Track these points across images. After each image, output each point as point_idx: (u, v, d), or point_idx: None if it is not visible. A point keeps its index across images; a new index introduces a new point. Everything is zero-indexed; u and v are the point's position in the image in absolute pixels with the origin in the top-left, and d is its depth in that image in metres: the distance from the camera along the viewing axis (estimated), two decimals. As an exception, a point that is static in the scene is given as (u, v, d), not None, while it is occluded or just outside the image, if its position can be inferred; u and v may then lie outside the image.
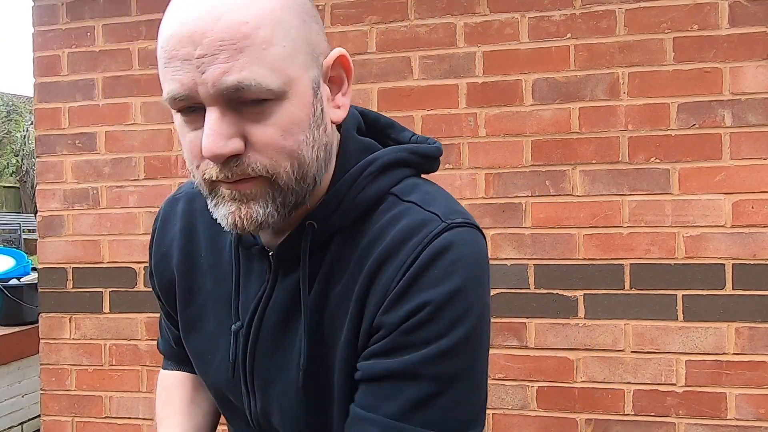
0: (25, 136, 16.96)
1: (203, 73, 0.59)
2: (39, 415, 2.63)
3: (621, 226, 1.97)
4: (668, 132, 1.94)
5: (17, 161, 17.25)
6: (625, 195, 1.96)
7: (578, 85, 1.99)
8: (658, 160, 1.94)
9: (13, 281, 3.47)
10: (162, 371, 0.99)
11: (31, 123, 14.90)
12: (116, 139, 2.35)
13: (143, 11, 2.32)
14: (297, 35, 0.63)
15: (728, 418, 1.90)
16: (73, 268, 2.38)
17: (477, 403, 0.68)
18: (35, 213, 3.09)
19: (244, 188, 0.64)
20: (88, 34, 2.37)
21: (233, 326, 0.77)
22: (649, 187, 1.95)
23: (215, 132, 0.60)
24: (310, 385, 0.73)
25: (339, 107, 0.71)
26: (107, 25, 2.35)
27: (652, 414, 1.95)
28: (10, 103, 18.25)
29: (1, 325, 3.37)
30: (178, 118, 0.65)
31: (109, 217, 2.35)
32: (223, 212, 0.67)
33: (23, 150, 16.89)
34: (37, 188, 2.46)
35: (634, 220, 1.96)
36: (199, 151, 0.63)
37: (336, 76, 0.70)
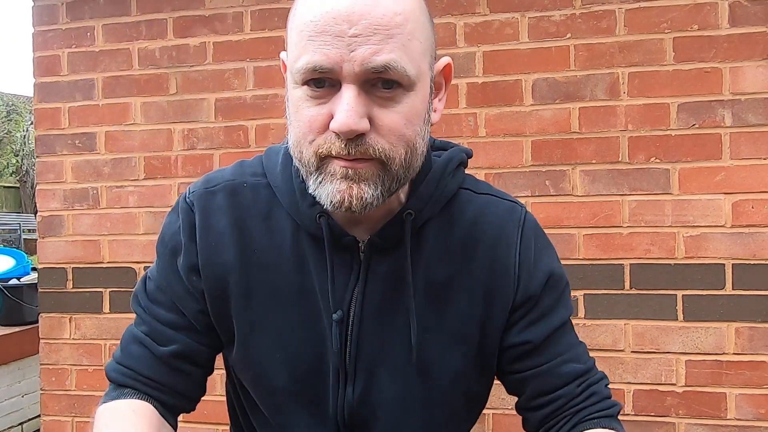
0: (25, 136, 16.97)
1: (353, 51, 0.64)
2: (39, 415, 2.63)
3: (621, 226, 1.97)
4: (668, 132, 1.94)
5: (17, 161, 17.25)
6: (625, 195, 1.96)
7: (578, 85, 1.99)
8: (658, 160, 1.94)
9: (13, 281, 3.47)
10: (112, 402, 0.79)
11: (31, 123, 14.90)
12: (116, 139, 2.35)
13: (143, 11, 2.32)
14: (428, 36, 0.71)
15: (728, 418, 1.90)
16: (73, 268, 2.38)
17: None
18: (35, 213, 3.09)
19: (359, 167, 0.68)
20: (88, 34, 2.37)
21: (335, 316, 0.78)
22: (649, 187, 1.95)
23: (352, 108, 0.65)
24: (419, 360, 0.79)
25: (435, 111, 0.77)
26: (107, 25, 2.35)
27: (652, 414, 1.95)
28: (10, 103, 18.25)
29: (1, 325, 3.37)
30: (299, 91, 0.68)
31: (109, 217, 2.35)
32: (330, 189, 0.69)
33: (23, 150, 16.89)
34: (37, 188, 2.46)
35: (634, 220, 1.96)
36: (319, 125, 0.67)
37: (438, 82, 0.77)
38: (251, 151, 2.21)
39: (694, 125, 1.92)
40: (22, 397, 3.39)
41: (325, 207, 0.72)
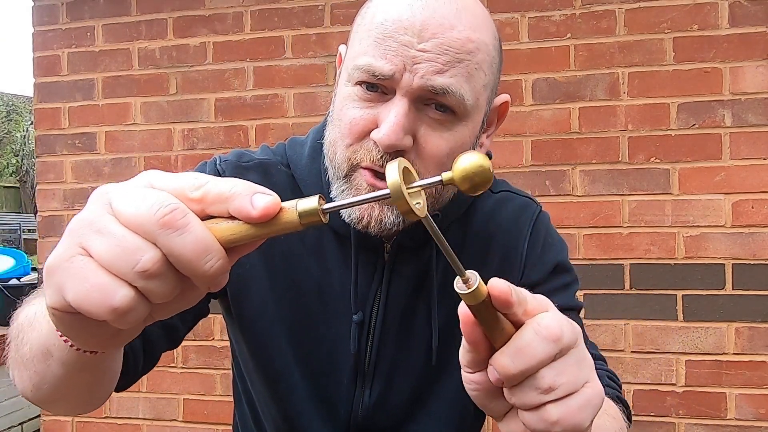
0: (25, 136, 16.96)
1: (417, 64, 0.63)
2: (39, 415, 2.63)
3: (621, 226, 1.97)
4: (668, 132, 1.94)
5: (17, 161, 17.25)
6: (625, 195, 1.96)
7: (578, 85, 1.99)
8: (658, 160, 1.94)
9: (13, 281, 3.47)
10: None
11: (31, 123, 14.89)
12: (116, 139, 2.35)
13: (143, 11, 2.32)
14: (495, 73, 0.70)
15: (728, 418, 1.90)
16: (73, 268, 2.38)
17: None
18: (35, 213, 3.09)
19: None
20: (88, 34, 2.37)
21: (355, 317, 0.76)
22: (649, 187, 1.95)
23: (399, 123, 0.63)
24: (439, 363, 0.78)
25: (481, 146, 0.76)
26: (107, 25, 2.35)
27: (652, 414, 1.95)
28: (10, 103, 18.24)
29: (1, 325, 3.37)
30: (349, 89, 0.67)
31: (109, 217, 2.35)
32: None
33: (23, 150, 16.88)
34: (37, 188, 2.46)
35: (634, 220, 1.96)
36: (360, 129, 0.66)
37: (491, 119, 0.76)
38: (254, 149, 2.21)
39: (694, 125, 1.92)
40: (22, 397, 3.39)
41: (343, 218, 0.71)
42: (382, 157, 0.65)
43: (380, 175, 0.66)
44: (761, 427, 1.88)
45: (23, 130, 17.37)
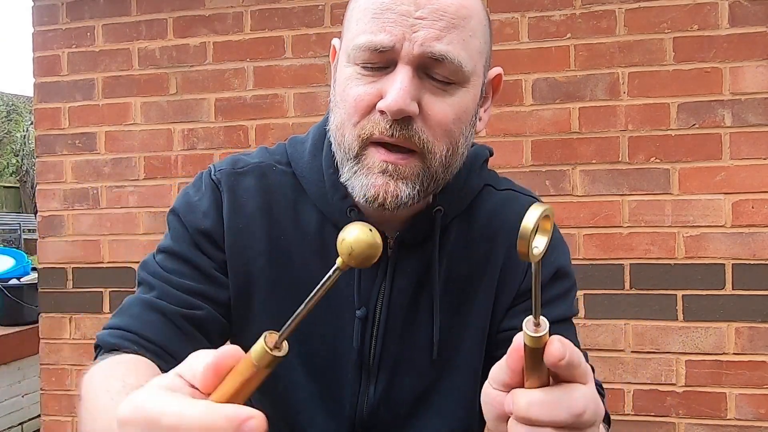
0: (25, 136, 16.95)
1: (415, 32, 0.63)
2: (39, 415, 2.63)
3: (621, 226, 1.96)
4: (668, 132, 1.94)
5: (17, 161, 17.25)
6: (625, 195, 1.96)
7: (578, 85, 1.99)
8: (658, 160, 1.94)
9: (13, 281, 3.47)
10: (101, 362, 0.69)
11: (31, 123, 14.88)
12: (116, 139, 2.35)
13: (143, 11, 2.32)
14: (487, 40, 0.71)
15: (728, 418, 1.90)
16: (73, 268, 2.38)
17: None
18: (35, 213, 3.09)
19: (400, 163, 0.66)
20: (88, 34, 2.37)
21: (358, 313, 0.76)
22: (649, 187, 1.95)
23: (405, 88, 0.63)
24: (441, 357, 0.79)
25: (480, 119, 0.76)
26: (107, 25, 2.35)
27: (652, 414, 1.95)
28: (10, 103, 18.24)
29: (1, 325, 3.37)
30: (349, 69, 0.68)
31: (109, 217, 2.35)
32: (366, 182, 0.67)
33: (23, 150, 16.88)
34: (37, 188, 2.46)
35: (634, 220, 1.96)
36: (366, 105, 0.66)
37: (487, 90, 0.77)
38: (251, 151, 2.21)
39: (694, 125, 1.92)
40: (22, 397, 3.39)
41: (356, 199, 0.70)
42: (390, 126, 0.65)
43: (391, 147, 0.67)
44: (761, 427, 1.88)
45: (23, 130, 17.37)
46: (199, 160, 2.27)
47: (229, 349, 0.41)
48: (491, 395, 0.48)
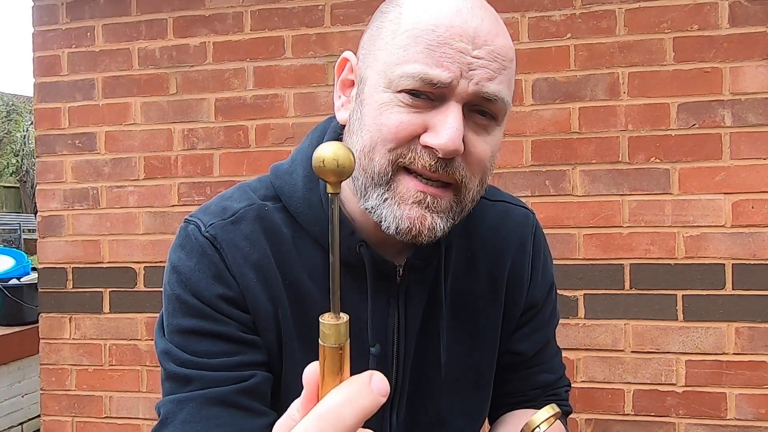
0: (25, 136, 16.96)
1: (472, 71, 0.63)
2: (39, 415, 2.63)
3: (621, 226, 1.96)
4: (668, 132, 1.94)
5: (17, 161, 17.25)
6: (625, 195, 1.96)
7: (578, 85, 1.99)
8: (658, 160, 1.94)
9: (13, 281, 3.47)
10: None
11: (31, 123, 14.89)
12: (116, 139, 2.35)
13: (143, 11, 2.32)
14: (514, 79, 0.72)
15: (728, 418, 1.90)
16: (73, 268, 2.38)
17: None
18: (35, 213, 3.09)
19: (437, 194, 0.65)
20: (88, 34, 2.37)
21: (372, 350, 0.74)
22: (649, 187, 1.95)
23: (460, 129, 0.63)
24: (455, 375, 0.80)
25: None
26: (107, 25, 2.35)
27: (652, 414, 1.95)
28: (10, 103, 18.24)
29: (1, 325, 3.37)
30: (389, 95, 0.65)
31: (109, 217, 2.35)
32: (399, 213, 0.65)
33: (23, 150, 16.88)
34: (37, 188, 2.46)
35: (634, 220, 1.96)
36: (408, 134, 0.64)
37: None
38: (251, 151, 2.21)
39: (694, 125, 1.92)
40: (22, 397, 3.39)
41: (385, 228, 0.66)
42: (436, 163, 0.63)
43: (428, 180, 0.65)
44: (761, 427, 1.88)
45: (23, 130, 17.38)
46: (199, 160, 2.27)
47: (306, 371, 0.42)
48: None
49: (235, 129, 2.24)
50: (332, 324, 0.40)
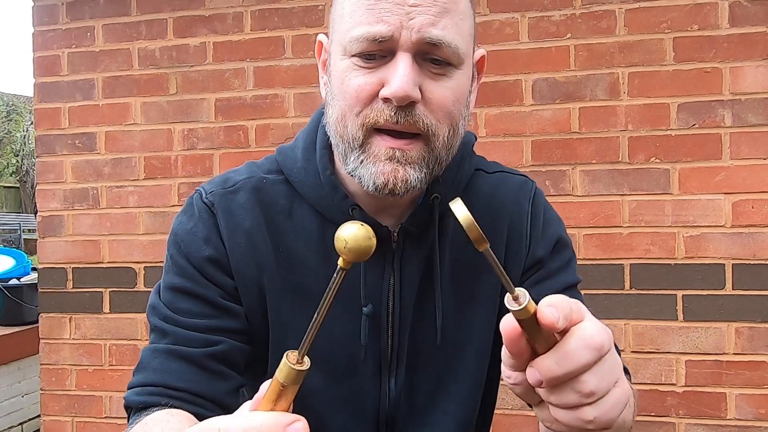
0: (25, 136, 16.96)
1: (411, 20, 0.65)
2: (39, 415, 2.63)
3: (621, 226, 1.97)
4: (668, 132, 1.94)
5: (17, 161, 17.25)
6: (625, 195, 1.96)
7: (578, 85, 1.99)
8: (658, 160, 1.94)
9: (13, 281, 3.47)
10: (139, 421, 0.69)
11: (31, 123, 14.89)
12: (116, 139, 2.35)
13: (143, 11, 2.32)
14: (473, 22, 0.72)
15: (728, 418, 1.90)
16: (73, 268, 2.38)
17: None
18: (35, 213, 3.09)
19: (406, 148, 0.68)
20: (88, 34, 2.37)
21: (365, 310, 0.77)
22: (649, 187, 1.95)
23: (409, 75, 0.65)
24: (453, 342, 0.81)
25: (472, 98, 0.78)
26: (107, 25, 2.35)
27: (652, 414, 1.95)
28: (10, 103, 18.24)
29: (1, 325, 3.37)
30: (346, 62, 0.68)
31: (109, 217, 2.35)
32: (374, 170, 0.68)
33: (23, 150, 16.88)
34: (37, 188, 2.46)
35: (634, 220, 1.96)
36: (368, 94, 0.67)
37: (476, 70, 0.78)
38: (251, 151, 2.21)
39: (694, 125, 1.92)
40: (22, 397, 3.39)
41: (365, 188, 0.70)
42: (395, 113, 0.66)
43: (396, 134, 0.67)
44: (761, 427, 1.88)
45: (23, 130, 17.38)
46: (199, 160, 2.27)
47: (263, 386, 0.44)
48: (511, 379, 0.50)
49: (235, 129, 2.24)
50: (288, 365, 0.42)
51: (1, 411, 3.25)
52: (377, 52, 0.66)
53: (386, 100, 0.66)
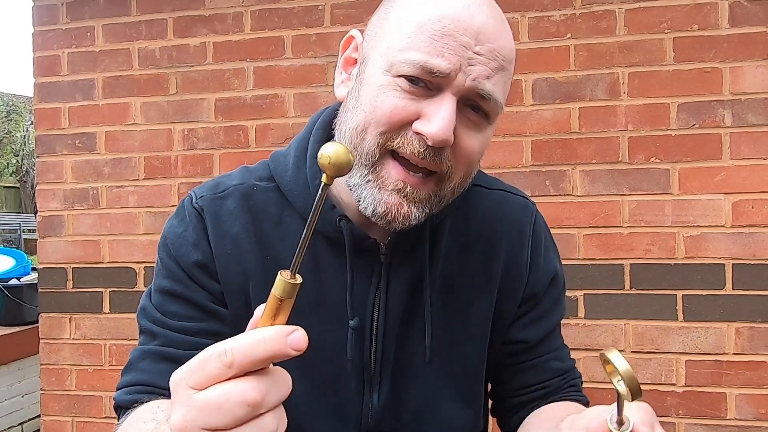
0: (25, 136, 16.96)
1: (471, 66, 0.64)
2: (39, 415, 2.63)
3: (621, 226, 1.96)
4: (668, 132, 1.94)
5: (17, 161, 17.25)
6: (625, 195, 1.96)
7: (578, 85, 1.99)
8: (658, 160, 1.94)
9: (13, 281, 3.47)
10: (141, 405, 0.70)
11: (31, 123, 14.89)
12: (116, 139, 2.35)
13: (143, 11, 2.32)
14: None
15: (728, 418, 1.90)
16: (73, 268, 2.38)
17: None
18: (35, 213, 3.09)
19: (418, 185, 0.67)
20: (88, 34, 2.37)
21: (351, 323, 0.76)
22: (649, 187, 1.95)
23: (452, 120, 0.64)
24: (440, 361, 0.79)
25: None
26: (107, 25, 2.35)
27: (652, 414, 1.94)
28: (10, 103, 18.25)
29: (1, 325, 3.37)
30: (388, 78, 0.66)
31: (109, 217, 2.35)
32: (378, 197, 0.67)
33: (23, 150, 16.89)
34: (37, 188, 2.46)
35: (634, 220, 1.96)
36: (400, 119, 0.66)
37: None
38: (251, 151, 2.21)
39: (694, 125, 1.92)
40: (22, 397, 3.39)
41: (363, 209, 0.69)
42: (425, 150, 0.65)
43: (412, 167, 0.67)
44: (761, 427, 1.88)
45: (23, 130, 17.38)
46: (199, 160, 2.27)
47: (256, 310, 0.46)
48: None
49: (235, 129, 2.24)
50: (283, 279, 0.45)
51: (1, 411, 3.25)
52: (426, 84, 0.65)
53: (419, 134, 0.65)
